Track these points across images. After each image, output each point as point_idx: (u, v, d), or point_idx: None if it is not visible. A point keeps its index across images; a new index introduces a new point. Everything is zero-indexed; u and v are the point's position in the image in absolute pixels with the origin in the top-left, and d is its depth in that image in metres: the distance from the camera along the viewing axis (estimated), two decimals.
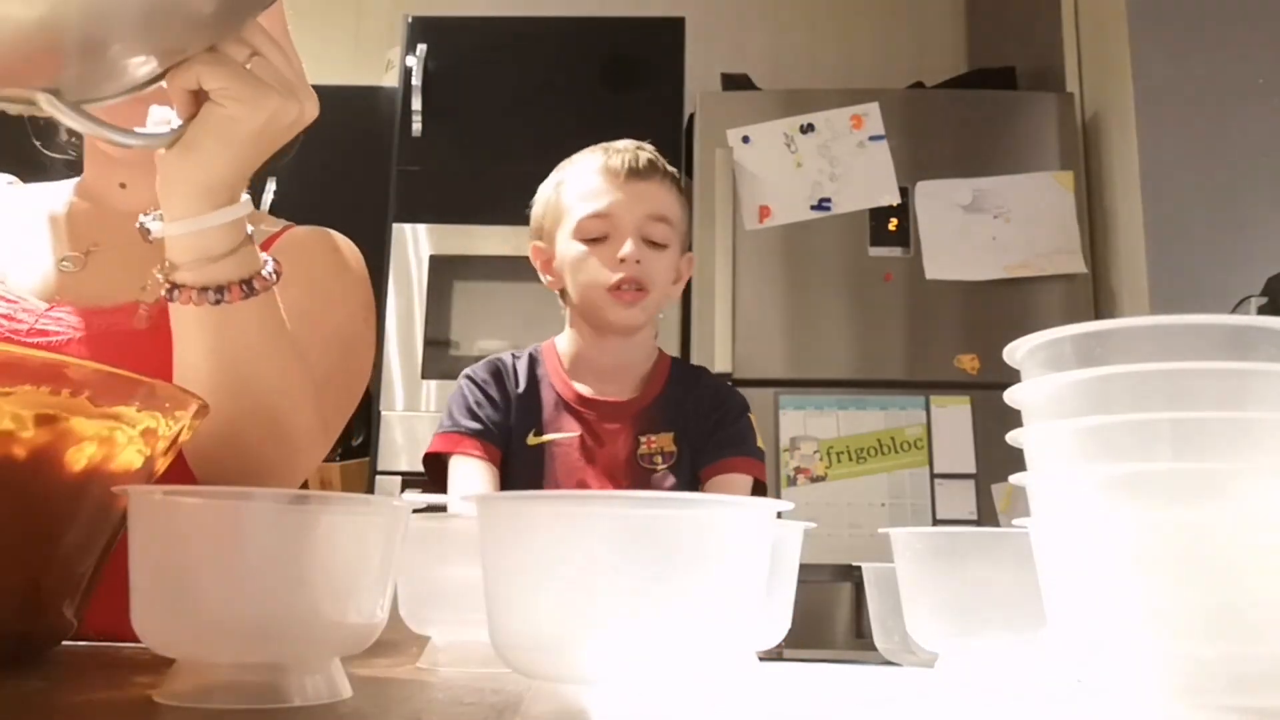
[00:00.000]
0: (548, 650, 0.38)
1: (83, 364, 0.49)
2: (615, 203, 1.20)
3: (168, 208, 0.68)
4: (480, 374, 1.23)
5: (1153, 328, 0.41)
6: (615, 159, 1.22)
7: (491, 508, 0.41)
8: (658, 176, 1.22)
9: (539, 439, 1.20)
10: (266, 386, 0.75)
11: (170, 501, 0.43)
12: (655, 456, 1.18)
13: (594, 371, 1.23)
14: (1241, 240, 2.10)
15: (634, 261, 1.17)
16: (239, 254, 0.69)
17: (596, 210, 1.20)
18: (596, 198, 1.20)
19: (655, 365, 1.26)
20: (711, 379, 1.30)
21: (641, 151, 1.24)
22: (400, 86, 2.55)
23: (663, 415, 1.21)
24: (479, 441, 1.17)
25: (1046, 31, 2.60)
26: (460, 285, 2.49)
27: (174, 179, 0.67)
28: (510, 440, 1.20)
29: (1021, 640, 0.56)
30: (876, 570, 0.72)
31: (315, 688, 0.44)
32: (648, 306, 1.20)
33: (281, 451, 0.79)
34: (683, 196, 1.27)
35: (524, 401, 1.22)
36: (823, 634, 2.13)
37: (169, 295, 0.69)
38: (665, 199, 1.22)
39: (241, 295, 0.69)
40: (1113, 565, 0.40)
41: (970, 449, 2.18)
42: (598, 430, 1.19)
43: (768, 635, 0.62)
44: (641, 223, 1.20)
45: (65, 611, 0.55)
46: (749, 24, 3.15)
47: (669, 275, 1.23)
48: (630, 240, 1.18)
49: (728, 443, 1.20)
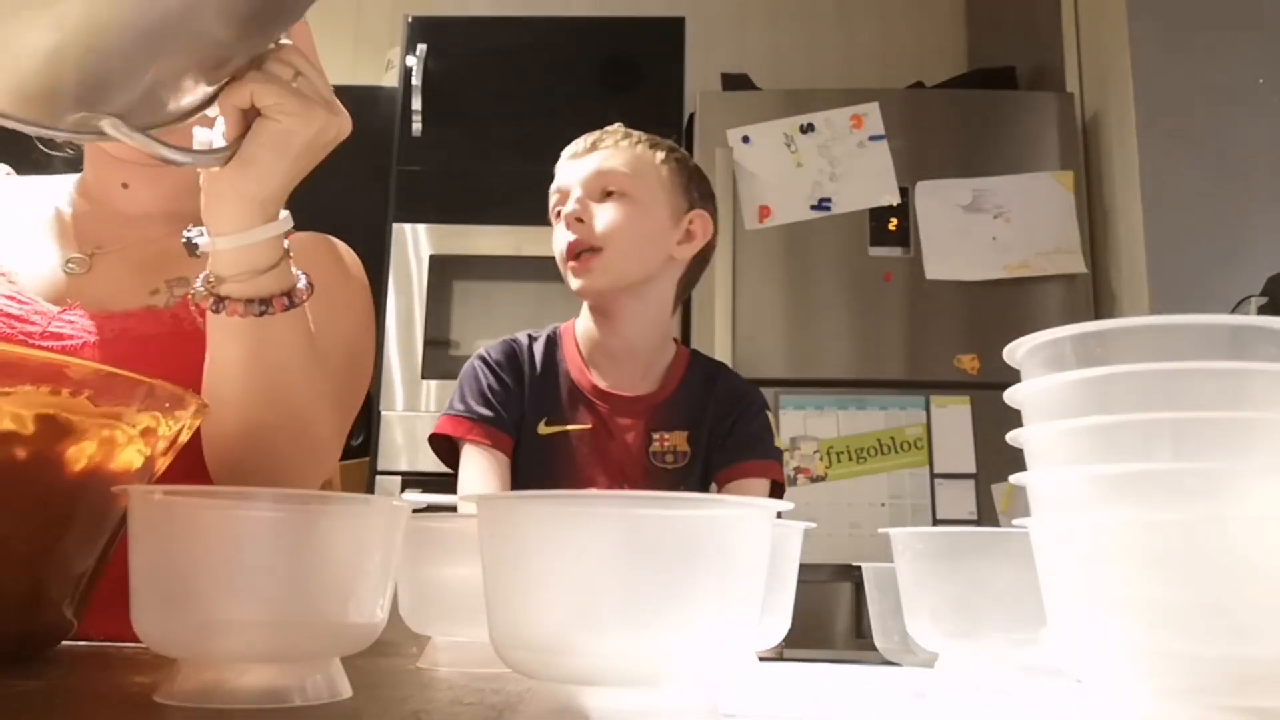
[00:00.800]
0: (548, 650, 0.38)
1: (83, 364, 0.49)
2: (566, 174, 1.18)
3: (215, 222, 0.69)
4: (495, 355, 1.19)
5: (1153, 328, 0.41)
6: (577, 142, 1.20)
7: (491, 508, 0.41)
8: (611, 142, 1.17)
9: (550, 429, 1.16)
10: (297, 395, 0.77)
11: (170, 501, 0.43)
12: (667, 455, 1.15)
13: (608, 357, 1.18)
14: (1241, 240, 2.10)
15: (574, 220, 1.12)
16: (280, 268, 0.71)
17: (552, 188, 1.19)
18: (556, 178, 1.19)
19: (674, 359, 1.21)
20: (730, 376, 1.24)
21: (605, 130, 1.20)
22: (400, 86, 2.55)
23: (677, 412, 1.17)
24: (491, 429, 1.13)
25: (1046, 31, 2.60)
26: (460, 285, 2.49)
27: (226, 194, 0.68)
28: (521, 428, 1.16)
29: (1021, 640, 0.56)
30: (876, 570, 0.72)
31: (315, 688, 0.44)
32: (609, 265, 1.12)
33: (307, 458, 0.80)
34: (665, 151, 1.19)
35: (538, 387, 1.17)
36: (823, 634, 2.13)
37: (214, 308, 0.70)
38: (620, 155, 1.16)
39: (284, 308, 0.71)
40: (1113, 565, 0.40)
41: (970, 449, 2.18)
42: (610, 424, 1.15)
43: (768, 635, 0.62)
44: (587, 181, 1.15)
45: (65, 611, 0.55)
46: (749, 24, 3.15)
47: (636, 227, 1.14)
48: (571, 200, 1.14)
49: (745, 445, 1.16)
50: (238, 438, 0.75)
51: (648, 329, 1.18)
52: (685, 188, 1.20)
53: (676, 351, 1.22)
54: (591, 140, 1.19)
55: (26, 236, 0.93)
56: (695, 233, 1.19)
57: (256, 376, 0.73)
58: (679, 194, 1.19)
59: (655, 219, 1.15)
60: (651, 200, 1.15)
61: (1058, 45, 2.53)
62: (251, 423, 0.74)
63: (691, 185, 1.21)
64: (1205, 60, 2.18)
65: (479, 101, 2.55)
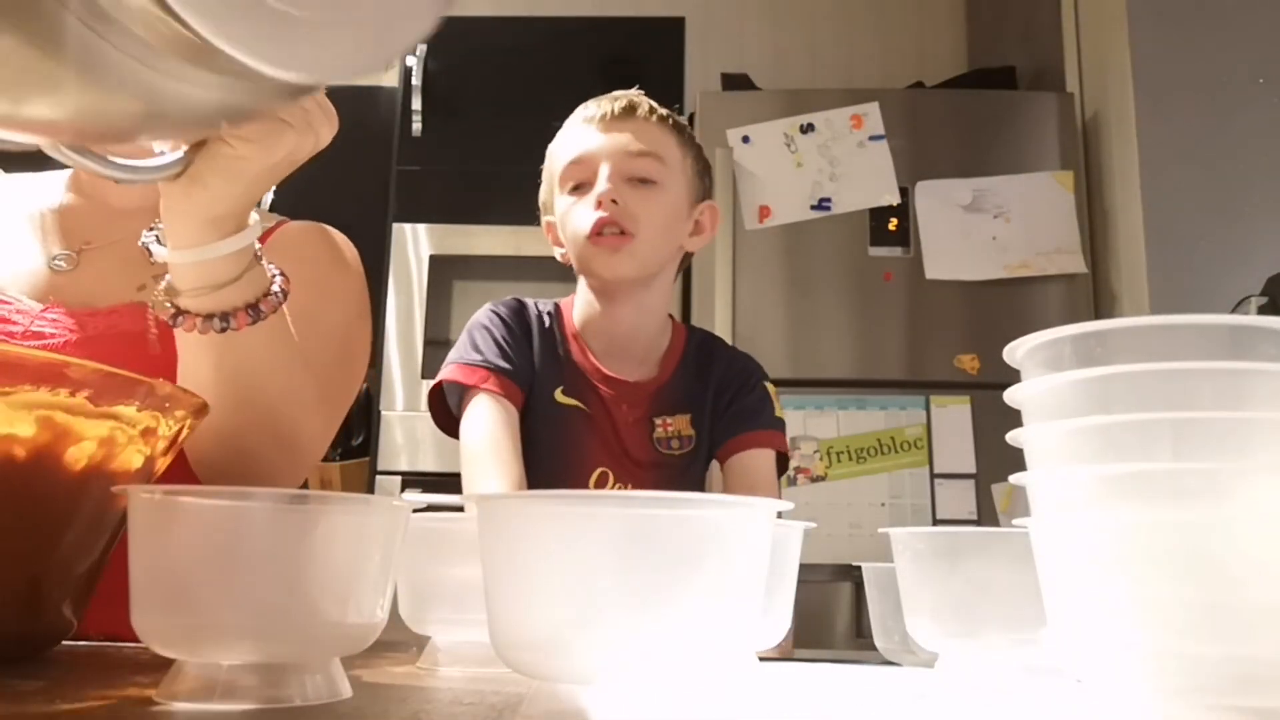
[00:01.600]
0: (548, 650, 0.38)
1: (83, 364, 0.49)
2: (592, 144, 1.09)
3: (172, 235, 0.65)
4: (506, 311, 1.13)
5: (1153, 328, 0.41)
6: (594, 106, 1.13)
7: (491, 508, 0.41)
8: (641, 115, 1.11)
9: (568, 400, 1.10)
10: (272, 397, 0.74)
11: (170, 501, 0.43)
12: (672, 440, 1.11)
13: (607, 342, 1.13)
14: (1241, 240, 2.10)
15: (609, 201, 1.05)
16: (244, 279, 0.67)
17: (573, 156, 1.10)
18: (575, 145, 1.11)
19: (671, 340, 1.16)
20: (726, 350, 1.20)
21: (627, 95, 1.12)
22: (400, 86, 2.55)
23: (678, 394, 1.12)
24: (507, 381, 1.06)
25: (1046, 31, 2.60)
26: (460, 285, 2.49)
27: (176, 210, 0.64)
28: (534, 391, 1.09)
29: (1021, 640, 0.56)
30: (876, 570, 0.72)
31: (315, 688, 0.44)
32: (636, 253, 1.07)
33: (286, 456, 0.79)
34: (686, 138, 1.14)
35: (548, 355, 1.12)
36: (823, 634, 2.13)
37: (172, 321, 0.67)
38: (652, 134, 1.10)
39: (248, 321, 0.67)
40: (1112, 565, 0.40)
41: (970, 449, 2.18)
42: (613, 410, 1.11)
43: (768, 635, 0.62)
44: (620, 160, 1.08)
45: (65, 611, 0.55)
46: (749, 24, 3.15)
47: (664, 218, 1.09)
48: (606, 179, 1.06)
49: (746, 415, 1.12)
50: (213, 439, 0.73)
51: (649, 317, 1.14)
52: (701, 175, 1.16)
53: (674, 331, 1.18)
54: (619, 107, 1.11)
55: (11, 234, 0.91)
56: (704, 225, 1.16)
57: (225, 382, 0.70)
58: (696, 182, 1.15)
59: (677, 209, 1.12)
60: (676, 189, 1.11)
61: (1058, 45, 2.53)
62: (225, 425, 0.71)
63: (705, 173, 1.17)
64: (1205, 60, 2.18)
65: (479, 101, 2.55)
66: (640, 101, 1.12)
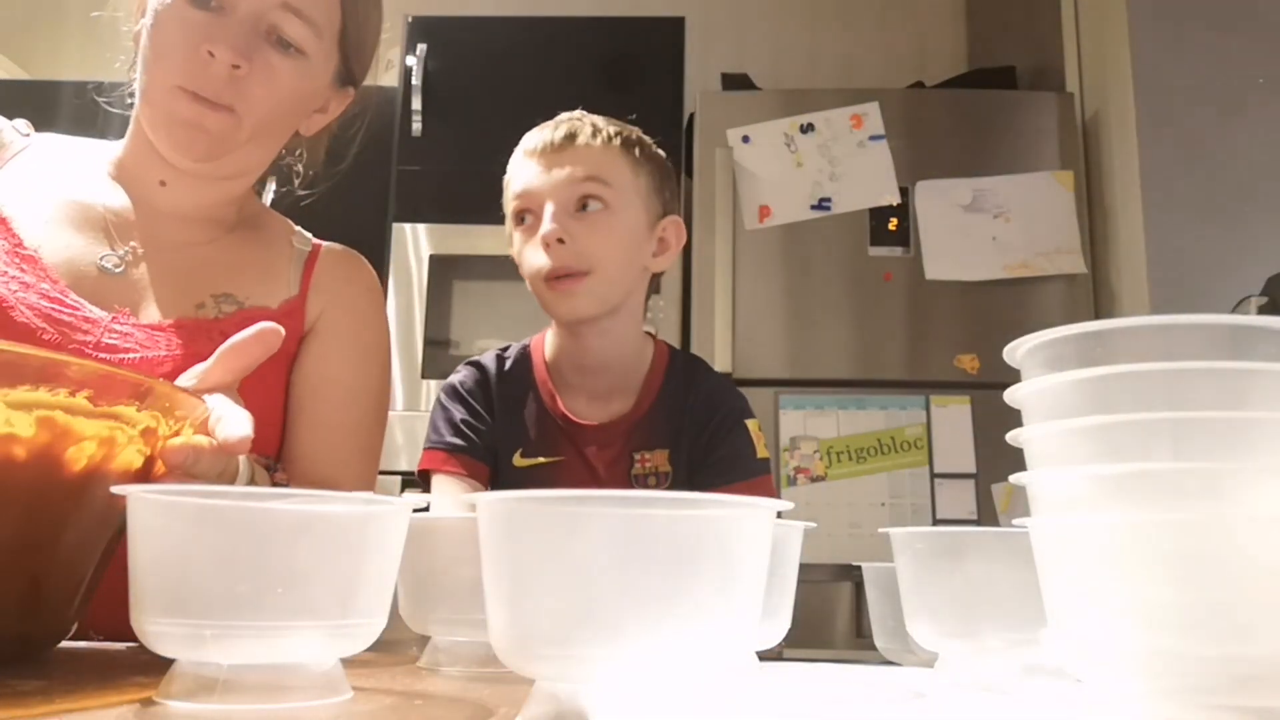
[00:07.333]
0: (547, 650, 0.38)
1: (83, 364, 0.49)
2: (534, 179, 1.04)
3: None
4: (464, 384, 1.11)
5: (1153, 328, 0.41)
6: (535, 136, 1.07)
7: (491, 508, 0.41)
8: (583, 141, 1.04)
9: (526, 461, 1.08)
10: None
11: (170, 501, 0.43)
12: (649, 477, 1.08)
13: (580, 374, 1.10)
14: (1241, 240, 2.10)
15: (555, 241, 1.01)
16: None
17: (517, 190, 1.06)
18: (519, 178, 1.07)
19: (653, 364, 1.12)
20: (708, 379, 1.15)
21: (569, 120, 1.07)
22: (400, 86, 2.55)
23: (657, 428, 1.09)
24: (465, 459, 1.07)
25: (1046, 31, 2.60)
26: (460, 285, 2.49)
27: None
28: (498, 458, 1.09)
29: (1021, 640, 0.56)
30: (876, 570, 0.72)
31: (315, 688, 0.44)
32: (594, 290, 1.03)
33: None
34: (638, 156, 1.08)
35: (508, 416, 1.10)
36: (823, 634, 2.13)
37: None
38: (596, 159, 1.03)
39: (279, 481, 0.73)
40: (1113, 565, 0.40)
41: (970, 449, 2.18)
42: (586, 455, 1.08)
43: (768, 635, 0.62)
44: (563, 192, 1.02)
45: (65, 611, 0.55)
46: (749, 24, 3.15)
47: (620, 245, 1.04)
48: (548, 216, 1.02)
49: (725, 466, 1.07)
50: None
51: (621, 345, 1.10)
52: (659, 191, 1.10)
53: (655, 353, 1.13)
54: (559, 136, 1.06)
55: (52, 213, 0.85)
56: (669, 241, 1.11)
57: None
58: (654, 199, 1.10)
59: (634, 231, 1.07)
60: (629, 210, 1.06)
61: (1058, 45, 2.53)
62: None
63: (664, 187, 1.12)
64: (1205, 60, 2.18)
65: (479, 101, 2.55)
66: (582, 126, 1.07)
